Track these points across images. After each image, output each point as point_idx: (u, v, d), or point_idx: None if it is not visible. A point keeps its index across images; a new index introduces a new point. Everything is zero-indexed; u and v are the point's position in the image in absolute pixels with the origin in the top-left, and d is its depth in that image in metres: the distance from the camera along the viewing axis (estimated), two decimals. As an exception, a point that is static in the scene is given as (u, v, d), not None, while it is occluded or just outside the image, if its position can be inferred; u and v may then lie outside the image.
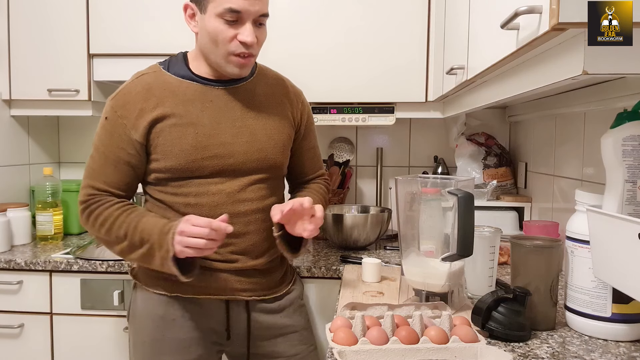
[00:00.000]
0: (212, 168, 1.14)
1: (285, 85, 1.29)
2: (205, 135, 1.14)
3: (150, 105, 1.13)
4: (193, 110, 1.14)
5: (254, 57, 1.15)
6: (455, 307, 1.13)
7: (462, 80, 1.26)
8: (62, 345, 1.68)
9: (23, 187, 2.06)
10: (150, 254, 1.08)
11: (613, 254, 0.86)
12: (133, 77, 1.19)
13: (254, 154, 1.17)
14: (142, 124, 1.12)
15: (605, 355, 0.92)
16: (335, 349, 0.90)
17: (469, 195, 1.04)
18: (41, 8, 1.88)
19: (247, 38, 1.08)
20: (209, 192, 1.15)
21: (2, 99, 1.94)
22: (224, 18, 1.07)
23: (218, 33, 1.09)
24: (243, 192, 1.17)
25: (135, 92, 1.15)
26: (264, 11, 1.11)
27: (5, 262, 1.65)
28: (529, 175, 1.90)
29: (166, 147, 1.13)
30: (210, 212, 1.13)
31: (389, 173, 2.17)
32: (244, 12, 1.07)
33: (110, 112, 1.14)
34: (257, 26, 1.12)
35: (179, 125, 1.13)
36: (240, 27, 1.09)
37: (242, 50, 1.10)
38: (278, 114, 1.23)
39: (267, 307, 1.23)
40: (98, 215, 1.13)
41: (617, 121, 0.96)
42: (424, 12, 1.77)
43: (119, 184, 1.15)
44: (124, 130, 1.13)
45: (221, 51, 1.11)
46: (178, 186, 1.15)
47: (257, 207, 1.19)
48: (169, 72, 1.17)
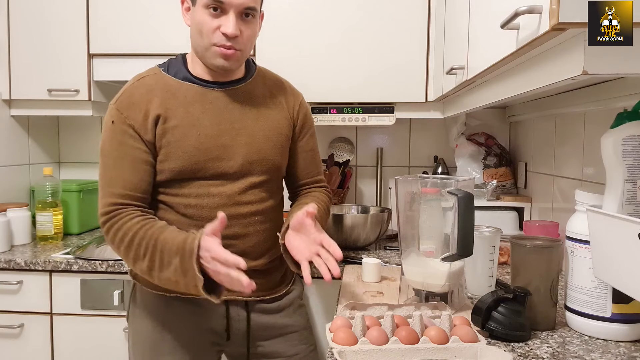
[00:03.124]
0: (213, 170, 1.15)
1: (284, 87, 1.29)
2: (207, 137, 1.14)
3: (153, 107, 1.13)
4: (194, 112, 1.15)
5: (241, 52, 1.13)
6: (455, 307, 1.13)
7: (462, 80, 1.26)
8: (62, 345, 1.68)
9: (23, 187, 2.06)
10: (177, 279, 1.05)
11: (613, 254, 0.86)
12: (134, 80, 1.19)
13: (253, 155, 1.17)
14: (149, 123, 1.12)
15: (605, 355, 0.92)
16: (335, 349, 0.90)
17: (469, 195, 1.04)
18: (41, 8, 1.88)
19: (227, 29, 1.08)
20: (210, 193, 1.15)
21: (2, 99, 1.93)
22: (209, 9, 1.08)
23: (203, 24, 1.09)
24: (243, 194, 1.17)
25: (139, 94, 1.14)
26: (249, 4, 1.09)
27: (5, 262, 1.65)
28: (529, 175, 1.90)
29: (170, 148, 1.13)
30: (211, 213, 1.13)
31: (389, 173, 2.17)
32: (227, 3, 1.07)
33: (116, 115, 1.13)
34: (244, 19, 1.11)
35: (181, 127, 1.13)
36: (224, 19, 1.09)
37: (223, 42, 1.10)
38: (276, 115, 1.23)
39: (266, 307, 1.23)
40: (118, 230, 1.09)
41: (617, 121, 0.96)
42: (424, 12, 1.77)
43: (140, 184, 1.12)
44: (133, 130, 1.12)
45: (205, 42, 1.11)
46: (179, 187, 1.15)
47: (257, 209, 1.19)
48: (168, 74, 1.18)
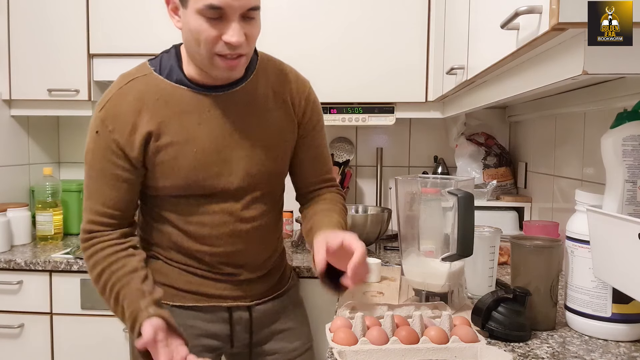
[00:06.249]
0: (212, 188, 1.08)
1: (289, 79, 1.16)
2: (204, 153, 1.06)
3: (143, 119, 1.03)
4: (189, 125, 1.05)
5: (245, 56, 1.01)
6: (455, 307, 1.13)
7: (462, 80, 1.26)
8: (62, 345, 1.68)
9: (23, 187, 2.06)
10: None
11: (613, 254, 0.86)
12: (121, 82, 1.07)
13: (254, 168, 1.10)
14: (137, 140, 1.03)
15: (606, 355, 0.92)
16: (335, 349, 0.90)
17: (469, 195, 1.04)
18: (41, 8, 1.88)
19: (232, 38, 0.94)
20: (211, 211, 1.09)
21: (2, 99, 1.93)
22: (205, 15, 0.93)
23: (200, 32, 0.95)
24: (246, 210, 1.11)
25: (127, 102, 1.04)
26: (252, 4, 0.95)
27: (5, 262, 1.65)
28: (529, 175, 1.90)
29: (164, 167, 1.05)
30: (213, 231, 1.10)
31: (389, 173, 2.17)
32: (227, 8, 0.92)
33: (100, 126, 1.05)
34: (246, 21, 0.97)
35: (175, 143, 1.04)
36: (225, 25, 0.94)
37: (228, 52, 0.97)
38: (280, 116, 1.13)
39: (268, 309, 1.21)
40: (90, 256, 1.06)
41: (617, 121, 0.96)
42: (424, 12, 1.77)
43: (119, 203, 1.07)
44: (117, 146, 1.04)
45: (204, 52, 0.97)
46: (177, 204, 1.09)
47: (260, 224, 1.14)
48: (160, 76, 1.06)
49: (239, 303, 1.17)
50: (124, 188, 1.06)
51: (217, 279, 1.15)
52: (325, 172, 1.25)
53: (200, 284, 1.14)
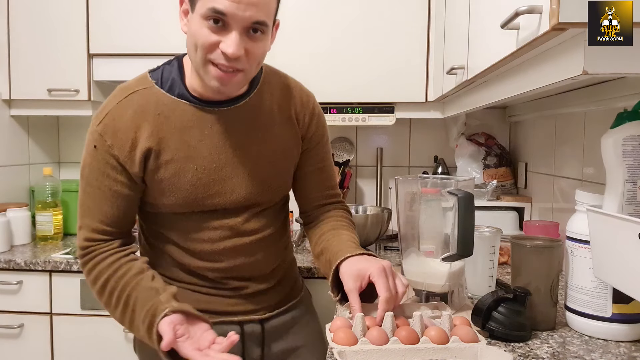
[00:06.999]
0: (213, 205, 1.05)
1: (293, 94, 1.13)
2: (206, 171, 1.03)
3: (143, 135, 1.00)
4: (190, 141, 1.02)
5: (244, 72, 0.96)
6: (455, 307, 1.13)
7: (462, 80, 1.26)
8: (62, 345, 1.68)
9: (23, 187, 2.06)
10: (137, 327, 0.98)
11: (613, 254, 0.86)
12: (120, 95, 1.03)
13: (256, 186, 1.07)
14: (137, 156, 1.00)
15: (606, 355, 0.92)
16: (335, 349, 0.90)
17: (469, 195, 1.04)
18: (41, 8, 1.88)
19: (228, 49, 0.90)
20: (211, 226, 1.07)
21: (2, 99, 1.93)
22: (208, 20, 0.90)
23: (199, 36, 0.92)
24: (247, 223, 1.09)
25: (126, 117, 1.00)
26: (259, 18, 0.91)
27: (5, 262, 1.65)
28: (529, 175, 1.90)
29: (164, 185, 1.02)
30: (214, 246, 1.07)
31: (389, 173, 2.17)
32: (230, 16, 0.89)
33: (99, 140, 1.01)
34: (250, 36, 0.93)
35: (176, 160, 1.02)
36: (226, 34, 0.91)
37: (222, 62, 0.92)
38: (284, 132, 1.10)
39: (281, 321, 1.17)
40: (91, 269, 1.03)
41: (617, 121, 0.95)
42: (424, 12, 1.77)
43: (118, 219, 1.04)
44: (117, 161, 1.00)
45: (199, 57, 0.94)
46: (176, 221, 1.07)
47: (262, 236, 1.11)
48: (162, 89, 1.03)
49: (251, 317, 1.13)
50: (123, 204, 1.04)
51: (224, 295, 1.11)
52: (330, 188, 1.22)
53: (208, 301, 1.10)
